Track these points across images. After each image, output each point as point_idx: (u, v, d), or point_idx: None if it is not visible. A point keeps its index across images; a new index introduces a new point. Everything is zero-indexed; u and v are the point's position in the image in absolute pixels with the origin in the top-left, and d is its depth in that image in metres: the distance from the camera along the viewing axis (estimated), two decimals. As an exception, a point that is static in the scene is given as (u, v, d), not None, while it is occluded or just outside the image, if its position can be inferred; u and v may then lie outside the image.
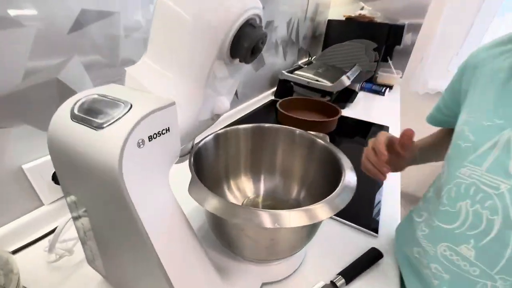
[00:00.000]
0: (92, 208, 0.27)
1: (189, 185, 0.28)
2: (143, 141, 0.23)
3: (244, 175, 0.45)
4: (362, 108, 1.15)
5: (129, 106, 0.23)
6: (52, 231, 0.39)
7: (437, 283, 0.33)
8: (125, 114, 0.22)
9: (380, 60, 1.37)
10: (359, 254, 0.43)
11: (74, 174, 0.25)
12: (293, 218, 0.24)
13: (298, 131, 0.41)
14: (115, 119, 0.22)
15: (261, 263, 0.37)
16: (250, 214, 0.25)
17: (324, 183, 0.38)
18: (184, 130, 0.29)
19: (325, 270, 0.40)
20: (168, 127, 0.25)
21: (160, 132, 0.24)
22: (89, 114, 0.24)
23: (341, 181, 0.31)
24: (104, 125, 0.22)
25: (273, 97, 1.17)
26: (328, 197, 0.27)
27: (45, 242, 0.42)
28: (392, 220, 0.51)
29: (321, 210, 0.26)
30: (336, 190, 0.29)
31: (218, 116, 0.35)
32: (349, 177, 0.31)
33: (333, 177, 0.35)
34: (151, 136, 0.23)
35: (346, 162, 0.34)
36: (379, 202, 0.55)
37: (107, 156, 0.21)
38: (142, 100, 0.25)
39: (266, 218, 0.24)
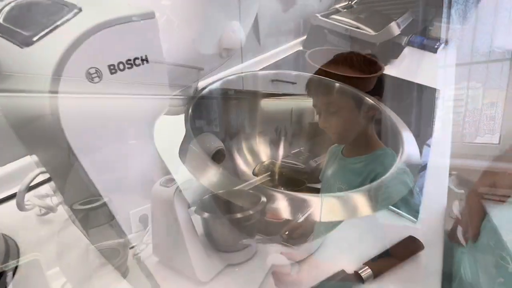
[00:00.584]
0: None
1: (181, 145, 0.20)
2: (98, 72, 0.14)
3: (260, 136, 0.36)
4: (407, 66, 0.96)
5: (75, 10, 0.14)
6: (46, 180, 0.35)
7: None
8: (65, 21, 0.14)
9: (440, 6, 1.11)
10: (393, 242, 0.35)
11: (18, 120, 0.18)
12: (329, 210, 0.16)
13: (338, 84, 0.30)
14: (49, 29, 0.13)
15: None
16: (259, 195, 0.17)
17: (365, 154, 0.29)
18: (177, 63, 0.20)
19: (348, 257, 0.34)
20: (145, 56, 0.16)
21: (131, 62, 0.15)
22: (18, 25, 0.15)
23: (399, 156, 0.21)
24: (34, 39, 0.13)
25: (301, 48, 1.00)
26: (383, 178, 0.18)
27: (38, 190, 0.38)
28: (437, 203, 0.42)
29: (369, 200, 0.17)
30: (394, 167, 0.19)
31: (228, 51, 0.25)
32: (411, 153, 0.22)
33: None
34: (113, 65, 0.14)
35: (405, 132, 0.24)
36: (422, 179, 0.45)
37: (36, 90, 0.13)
38: (101, 5, 0.16)
39: (282, 204, 0.16)
